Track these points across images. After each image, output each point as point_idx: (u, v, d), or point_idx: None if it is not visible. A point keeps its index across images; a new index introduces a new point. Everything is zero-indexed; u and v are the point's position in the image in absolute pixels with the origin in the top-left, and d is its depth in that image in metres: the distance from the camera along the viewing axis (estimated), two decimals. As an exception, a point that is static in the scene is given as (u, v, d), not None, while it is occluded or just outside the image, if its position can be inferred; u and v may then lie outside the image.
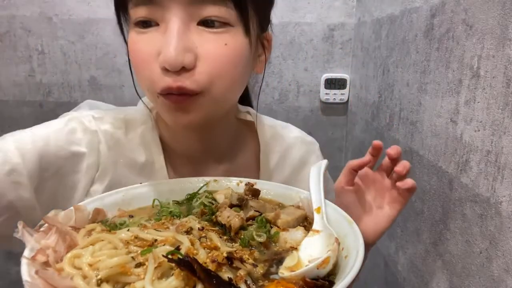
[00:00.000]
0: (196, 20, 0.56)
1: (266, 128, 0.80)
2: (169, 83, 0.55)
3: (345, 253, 0.46)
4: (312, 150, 0.83)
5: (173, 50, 0.53)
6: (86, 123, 0.66)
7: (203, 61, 0.56)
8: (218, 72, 0.57)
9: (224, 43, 0.57)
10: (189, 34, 0.55)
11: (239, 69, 0.60)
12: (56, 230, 0.47)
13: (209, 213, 0.55)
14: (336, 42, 1.59)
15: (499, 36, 0.63)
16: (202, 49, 0.56)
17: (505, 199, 0.61)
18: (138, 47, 0.58)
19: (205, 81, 0.57)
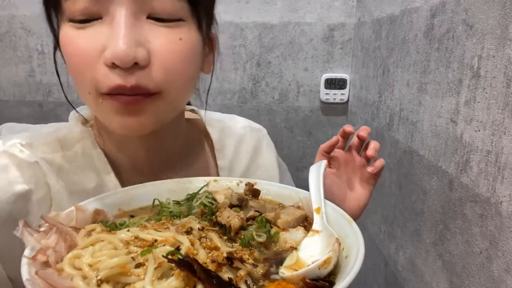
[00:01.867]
0: (146, 13, 0.50)
1: (215, 123, 0.79)
2: (119, 82, 0.49)
3: (345, 253, 0.46)
4: (261, 136, 0.85)
5: (122, 43, 0.47)
6: (18, 154, 0.56)
7: (157, 57, 0.50)
8: (175, 69, 0.52)
9: (178, 38, 0.52)
10: (139, 28, 0.49)
11: (193, 66, 0.56)
12: (57, 230, 0.47)
13: (209, 213, 0.55)
14: (336, 42, 1.59)
15: (499, 36, 0.63)
16: (155, 44, 0.50)
17: (505, 199, 0.61)
18: (77, 44, 0.50)
19: (162, 79, 0.51)
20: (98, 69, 0.49)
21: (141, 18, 0.50)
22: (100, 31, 0.49)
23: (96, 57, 0.49)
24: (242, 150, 0.80)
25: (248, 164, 0.80)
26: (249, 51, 1.60)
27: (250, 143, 0.82)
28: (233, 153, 0.79)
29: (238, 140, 0.80)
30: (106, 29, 0.49)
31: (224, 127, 0.80)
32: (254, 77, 1.63)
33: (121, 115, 0.52)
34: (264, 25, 1.57)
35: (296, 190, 0.64)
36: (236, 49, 1.59)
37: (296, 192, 0.63)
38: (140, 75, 0.49)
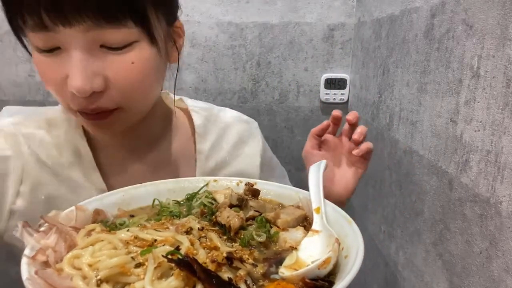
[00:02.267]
0: (98, 44, 0.54)
1: (201, 111, 0.82)
2: (84, 105, 0.57)
3: (345, 253, 0.46)
4: (250, 128, 0.86)
5: (78, 80, 0.53)
6: (5, 129, 0.67)
7: (112, 83, 0.56)
8: (131, 90, 0.58)
9: (130, 62, 0.56)
10: (93, 59, 0.54)
11: (150, 79, 0.61)
12: (56, 230, 0.47)
13: (209, 213, 0.55)
14: (336, 42, 1.59)
15: (499, 36, 0.63)
16: (109, 71, 0.56)
17: (505, 199, 0.61)
18: (46, 71, 0.57)
19: (118, 99, 0.58)
20: (66, 93, 0.56)
21: (94, 48, 0.54)
22: (62, 61, 0.55)
23: (62, 84, 0.56)
24: (226, 137, 0.82)
25: (230, 151, 0.82)
26: (249, 51, 1.60)
27: (235, 132, 0.83)
28: (216, 139, 0.81)
29: (223, 127, 0.83)
30: (66, 60, 0.54)
31: (210, 114, 0.83)
32: (254, 77, 1.63)
33: (93, 126, 0.62)
34: (264, 25, 1.57)
35: (296, 190, 0.64)
36: (236, 49, 1.59)
37: (296, 192, 0.63)
38: (99, 100, 0.57)
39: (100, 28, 0.52)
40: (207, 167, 0.78)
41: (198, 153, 0.78)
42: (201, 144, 0.79)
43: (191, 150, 0.79)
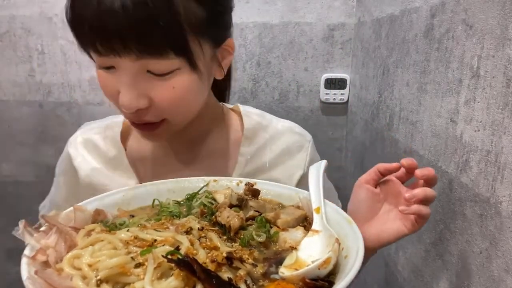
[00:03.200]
0: (144, 70, 0.61)
1: (253, 116, 0.84)
2: (131, 118, 0.66)
3: (345, 253, 0.46)
4: (301, 141, 0.84)
5: (125, 100, 0.61)
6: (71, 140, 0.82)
7: (156, 102, 0.63)
8: (171, 109, 0.65)
9: (171, 87, 0.63)
10: (139, 82, 0.62)
11: (191, 99, 0.67)
12: (57, 230, 0.47)
13: (208, 213, 0.55)
14: (336, 42, 1.59)
15: (499, 36, 0.63)
16: (152, 94, 0.63)
17: (505, 199, 0.61)
18: (104, 83, 0.65)
19: (162, 115, 0.65)
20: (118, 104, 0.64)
21: (142, 73, 0.61)
22: (116, 77, 0.63)
23: (115, 96, 0.64)
24: (272, 145, 0.82)
25: (272, 159, 0.81)
26: (249, 51, 1.60)
27: (284, 142, 0.83)
28: (262, 145, 0.82)
29: (272, 135, 0.83)
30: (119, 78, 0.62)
31: (261, 121, 0.84)
32: (254, 77, 1.63)
33: (142, 135, 0.70)
34: (264, 25, 1.57)
35: (296, 190, 0.64)
36: (236, 49, 1.59)
37: (296, 192, 0.63)
38: (145, 114, 0.64)
39: (145, 59, 0.59)
40: (244, 171, 0.79)
41: (240, 155, 0.80)
42: (245, 147, 0.80)
43: (235, 152, 0.81)
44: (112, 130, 0.81)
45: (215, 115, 0.82)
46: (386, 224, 0.67)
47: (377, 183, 0.69)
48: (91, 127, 0.84)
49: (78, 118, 1.65)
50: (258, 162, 0.81)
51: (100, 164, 0.79)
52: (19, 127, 1.67)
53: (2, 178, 1.71)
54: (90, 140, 0.81)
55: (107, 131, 0.82)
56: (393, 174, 0.68)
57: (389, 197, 0.69)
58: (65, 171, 0.82)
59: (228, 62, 0.73)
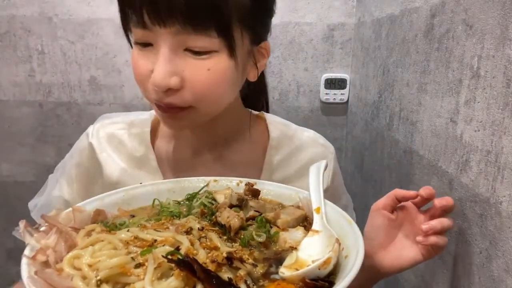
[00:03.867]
0: (183, 47, 0.61)
1: (279, 125, 0.84)
2: (159, 98, 0.63)
3: (345, 253, 0.46)
4: (325, 153, 0.84)
5: (159, 75, 0.60)
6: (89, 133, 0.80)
7: (188, 83, 0.62)
8: (202, 93, 0.63)
9: (207, 68, 0.62)
10: (176, 59, 0.61)
11: (223, 88, 0.66)
12: (57, 230, 0.47)
13: (209, 213, 0.55)
14: (336, 42, 1.59)
15: (499, 36, 0.63)
16: (187, 73, 0.62)
17: (505, 199, 0.61)
18: (137, 62, 0.64)
19: (190, 100, 0.63)
20: (148, 85, 0.63)
21: (179, 50, 0.61)
22: (152, 56, 0.62)
23: (148, 76, 0.63)
24: (298, 156, 0.82)
25: (297, 170, 0.81)
26: (249, 51, 1.60)
27: (309, 153, 0.82)
28: (287, 154, 0.82)
29: (297, 146, 0.83)
30: (154, 56, 0.62)
31: (288, 130, 0.84)
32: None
33: (165, 119, 0.68)
34: (264, 25, 1.57)
35: (296, 190, 0.64)
36: (236, 49, 1.59)
37: (296, 192, 0.63)
38: (173, 96, 0.63)
39: (187, 33, 0.59)
40: (271, 180, 0.77)
41: (266, 164, 0.80)
42: (271, 156, 0.80)
43: (260, 161, 0.80)
44: (139, 128, 0.80)
45: (241, 118, 0.82)
46: (403, 251, 0.67)
47: (393, 209, 0.69)
48: (113, 121, 0.81)
49: (78, 118, 1.65)
50: (284, 172, 0.80)
51: (125, 163, 0.78)
52: (19, 127, 1.67)
53: (2, 178, 1.71)
54: (115, 136, 0.79)
55: (133, 129, 0.80)
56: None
57: (405, 223, 0.69)
58: (81, 164, 0.79)
59: (263, 65, 0.73)
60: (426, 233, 0.62)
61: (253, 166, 0.80)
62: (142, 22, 0.59)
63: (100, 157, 0.77)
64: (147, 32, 0.61)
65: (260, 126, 0.84)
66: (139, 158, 0.78)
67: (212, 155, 0.79)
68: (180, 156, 0.79)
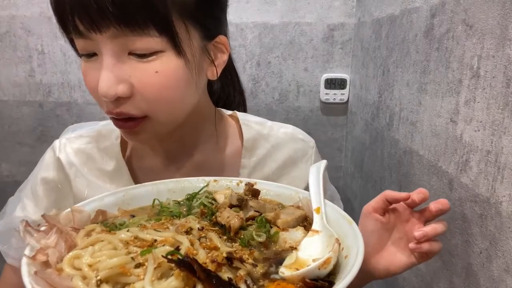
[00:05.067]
0: (126, 51, 0.58)
1: (252, 125, 0.80)
2: (110, 109, 0.60)
3: (345, 253, 0.46)
4: (304, 148, 0.81)
5: (104, 84, 0.57)
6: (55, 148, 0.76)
7: (137, 90, 0.59)
8: (154, 98, 0.60)
9: (154, 71, 0.58)
10: (121, 65, 0.58)
11: (177, 90, 0.61)
12: (57, 230, 0.47)
13: (209, 213, 0.55)
14: (336, 42, 1.59)
15: (499, 36, 0.63)
16: (134, 78, 0.58)
17: (505, 199, 0.61)
18: (86, 75, 0.62)
19: (144, 107, 0.60)
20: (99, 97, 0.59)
21: (123, 55, 0.58)
22: (98, 65, 0.59)
23: (96, 88, 0.58)
24: (274, 156, 0.79)
25: (274, 171, 0.78)
26: (249, 51, 1.60)
27: (286, 151, 0.79)
28: (263, 156, 0.78)
29: (274, 145, 0.79)
30: (99, 65, 0.58)
31: (262, 129, 0.80)
32: (254, 77, 1.63)
33: (123, 133, 0.65)
34: (264, 25, 1.57)
35: (296, 190, 0.64)
36: (236, 49, 1.59)
37: (296, 192, 0.63)
38: (124, 105, 0.59)
39: (126, 36, 0.56)
40: None
41: (242, 167, 0.77)
42: (246, 159, 0.77)
43: (236, 164, 0.78)
44: (108, 141, 0.75)
45: (210, 120, 0.77)
46: (396, 255, 0.65)
47: (385, 211, 0.66)
48: (78, 135, 0.77)
49: (78, 118, 1.65)
50: (261, 174, 0.77)
51: (96, 177, 0.74)
52: (19, 127, 1.67)
53: (2, 178, 1.71)
54: (83, 152, 0.75)
55: (102, 142, 0.76)
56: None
57: (398, 225, 0.66)
58: (48, 180, 0.74)
59: (222, 62, 0.68)
60: (419, 240, 0.60)
61: (230, 170, 0.77)
62: (77, 30, 0.56)
63: (70, 172, 0.74)
64: (87, 41, 0.58)
65: (233, 128, 0.81)
66: (111, 172, 0.74)
67: (185, 162, 0.76)
68: (153, 165, 0.76)
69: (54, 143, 0.77)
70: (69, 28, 0.58)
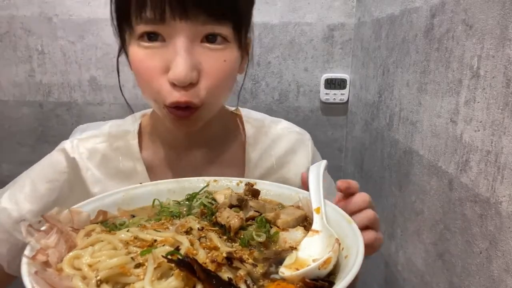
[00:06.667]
0: (200, 37, 0.60)
1: (253, 121, 0.84)
2: (177, 98, 0.61)
3: (345, 253, 0.46)
4: (301, 139, 0.86)
5: (183, 69, 0.58)
6: (67, 149, 0.74)
7: (205, 76, 0.61)
8: (216, 86, 0.63)
9: (223, 60, 0.62)
10: (194, 52, 0.60)
11: (232, 80, 0.67)
12: (58, 230, 0.47)
13: (209, 214, 0.55)
14: (336, 42, 1.59)
15: (499, 36, 0.63)
16: (205, 65, 0.61)
17: (505, 199, 0.61)
18: (145, 62, 0.61)
19: (205, 96, 0.63)
20: (162, 85, 0.61)
21: (196, 42, 0.60)
22: (163, 53, 0.60)
23: (160, 75, 0.60)
24: (275, 148, 0.83)
25: (278, 159, 0.82)
26: (249, 51, 1.60)
27: (285, 142, 0.84)
28: (265, 149, 0.83)
29: (273, 139, 0.84)
30: (168, 51, 0.59)
31: (262, 126, 0.85)
32: (254, 77, 1.63)
33: (176, 122, 0.66)
34: (264, 25, 1.57)
35: (296, 190, 0.64)
36: (236, 49, 1.59)
37: (296, 192, 0.63)
38: (191, 93, 0.61)
39: (207, 25, 0.59)
40: (255, 175, 0.80)
41: (248, 161, 0.81)
42: (250, 154, 0.81)
43: (242, 158, 0.81)
44: (123, 141, 0.76)
45: (226, 117, 0.82)
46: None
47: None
48: (90, 135, 0.77)
49: (78, 118, 1.65)
50: (265, 165, 0.81)
51: (111, 177, 0.74)
52: (19, 127, 1.67)
53: (2, 178, 1.71)
54: (97, 151, 0.75)
55: (116, 141, 0.76)
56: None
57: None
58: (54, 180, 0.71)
59: (246, 61, 0.73)
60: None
61: (236, 164, 0.81)
62: (161, 18, 0.57)
63: (85, 174, 0.73)
64: (160, 27, 0.59)
65: (237, 123, 0.85)
66: (126, 172, 0.74)
67: (199, 157, 0.79)
68: (169, 161, 0.77)
69: (64, 144, 0.75)
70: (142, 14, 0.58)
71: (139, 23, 0.59)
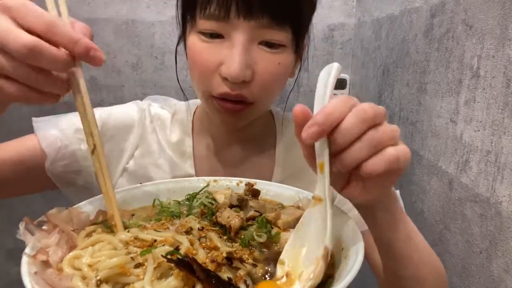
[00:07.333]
0: (257, 40, 0.63)
1: (289, 124, 0.86)
2: (227, 90, 0.63)
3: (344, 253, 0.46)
4: None
5: (237, 66, 0.60)
6: (139, 104, 0.81)
7: (258, 76, 0.64)
8: (270, 86, 0.66)
9: (278, 62, 0.64)
10: (250, 52, 0.62)
11: (284, 82, 0.70)
12: (59, 231, 0.47)
13: (209, 214, 0.55)
14: (336, 42, 1.59)
15: (499, 36, 0.63)
16: (259, 66, 0.63)
17: (505, 199, 0.61)
18: (202, 55, 0.64)
19: (258, 93, 0.65)
20: (214, 78, 0.64)
21: (254, 43, 0.63)
22: (221, 48, 0.62)
23: (214, 69, 0.63)
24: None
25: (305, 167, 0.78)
26: (249, 51, 1.60)
27: None
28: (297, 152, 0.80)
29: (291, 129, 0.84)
30: (226, 48, 0.62)
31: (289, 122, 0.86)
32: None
33: (223, 115, 0.68)
34: (264, 25, 1.57)
35: (296, 190, 0.64)
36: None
37: (296, 192, 0.63)
38: (243, 88, 0.63)
39: (267, 27, 0.61)
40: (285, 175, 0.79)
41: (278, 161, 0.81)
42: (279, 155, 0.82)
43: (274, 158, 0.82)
44: (182, 115, 0.81)
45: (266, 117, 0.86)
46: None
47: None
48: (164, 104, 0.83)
49: (78, 118, 1.65)
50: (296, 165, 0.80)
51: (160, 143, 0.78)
52: (19, 127, 1.67)
53: (2, 178, 1.71)
54: (160, 117, 0.81)
55: (177, 114, 0.81)
56: None
57: None
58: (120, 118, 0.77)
59: (298, 65, 0.76)
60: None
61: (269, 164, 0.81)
62: (225, 15, 0.60)
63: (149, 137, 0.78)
64: (221, 24, 0.61)
65: (273, 123, 0.87)
66: (175, 143, 0.78)
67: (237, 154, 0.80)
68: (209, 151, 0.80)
69: (139, 102, 0.82)
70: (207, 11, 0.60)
71: (202, 18, 0.62)
